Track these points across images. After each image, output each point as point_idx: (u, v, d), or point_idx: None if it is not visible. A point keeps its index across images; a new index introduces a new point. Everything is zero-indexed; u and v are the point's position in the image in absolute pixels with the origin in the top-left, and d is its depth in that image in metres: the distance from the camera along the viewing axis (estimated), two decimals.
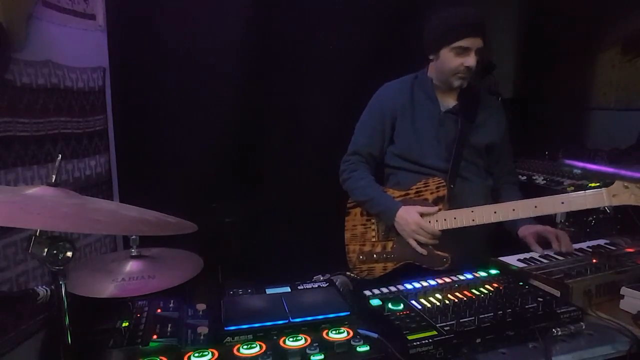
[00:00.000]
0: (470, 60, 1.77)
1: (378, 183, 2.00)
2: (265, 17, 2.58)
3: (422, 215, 1.81)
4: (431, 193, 1.86)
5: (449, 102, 1.94)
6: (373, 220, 1.98)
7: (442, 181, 1.84)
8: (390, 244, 1.92)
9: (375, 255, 1.94)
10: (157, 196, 1.88)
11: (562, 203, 1.62)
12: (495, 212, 1.72)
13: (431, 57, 1.89)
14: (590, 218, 2.27)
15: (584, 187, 1.61)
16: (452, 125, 1.90)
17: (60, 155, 1.13)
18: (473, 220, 1.74)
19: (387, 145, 2.00)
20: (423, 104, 1.94)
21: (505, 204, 1.73)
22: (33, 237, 0.98)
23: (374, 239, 1.97)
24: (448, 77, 1.85)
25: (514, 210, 1.69)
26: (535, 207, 1.66)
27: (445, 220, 1.79)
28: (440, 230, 1.79)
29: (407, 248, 1.85)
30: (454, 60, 1.79)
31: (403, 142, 1.95)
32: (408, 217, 1.81)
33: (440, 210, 1.81)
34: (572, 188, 2.43)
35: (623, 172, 2.29)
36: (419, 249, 1.81)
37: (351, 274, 1.92)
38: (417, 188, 1.90)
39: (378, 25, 2.70)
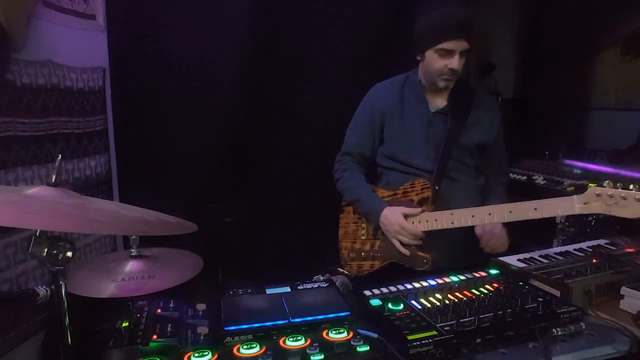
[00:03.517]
0: (454, 63, 1.76)
1: (371, 182, 2.01)
2: (265, 18, 2.58)
3: (405, 216, 1.82)
4: (416, 194, 1.87)
5: (439, 102, 1.93)
6: (363, 219, 2.00)
7: (427, 182, 1.85)
8: (377, 243, 1.95)
9: (363, 254, 1.96)
10: (157, 196, 1.87)
11: (535, 209, 1.61)
12: (473, 216, 1.72)
13: (418, 58, 1.89)
14: (590, 218, 2.28)
15: (584, 187, 1.60)
16: (442, 125, 1.89)
17: (60, 155, 1.13)
18: (452, 222, 1.75)
19: (377, 145, 2.01)
20: (412, 104, 1.93)
21: (482, 208, 1.73)
22: (33, 237, 0.98)
23: (363, 237, 1.99)
24: (433, 78, 1.84)
25: (490, 214, 1.69)
26: (510, 212, 1.66)
27: (427, 221, 1.80)
28: (422, 232, 1.80)
29: (392, 248, 1.87)
30: (439, 61, 1.78)
31: (392, 142, 1.96)
32: (391, 217, 1.83)
33: (423, 211, 1.82)
34: (572, 188, 2.43)
35: (623, 172, 2.29)
36: (402, 249, 1.83)
37: (343, 271, 1.94)
38: (404, 188, 1.91)
39: (378, 25, 2.70)
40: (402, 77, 2.01)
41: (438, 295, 1.40)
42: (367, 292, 1.44)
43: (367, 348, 1.12)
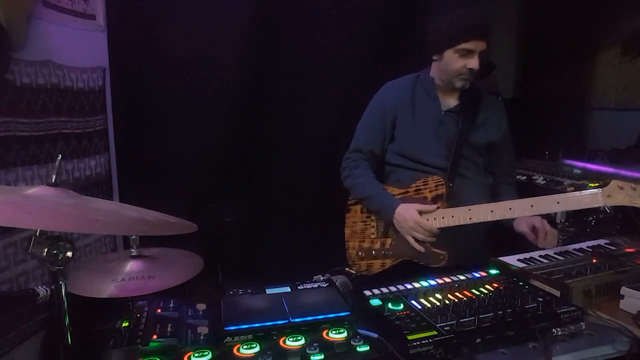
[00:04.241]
0: (474, 63, 1.79)
1: (379, 181, 2.01)
2: (265, 17, 2.58)
3: (420, 212, 1.82)
4: (430, 191, 1.87)
5: (450, 101, 1.95)
6: (373, 217, 2.00)
7: (441, 180, 1.86)
8: (389, 241, 1.94)
9: (374, 252, 1.96)
10: (157, 196, 1.88)
11: (558, 203, 1.63)
12: (492, 211, 1.73)
13: (435, 58, 1.91)
14: (590, 218, 2.27)
15: (584, 187, 1.61)
16: (453, 124, 1.92)
17: (60, 155, 1.13)
18: (470, 218, 1.75)
19: (387, 143, 2.02)
20: (424, 103, 1.96)
21: (501, 203, 1.74)
22: (33, 237, 0.98)
23: (373, 236, 1.99)
24: (451, 78, 1.86)
25: (510, 209, 1.70)
26: (532, 206, 1.67)
27: (443, 218, 1.81)
28: (438, 228, 1.80)
29: (405, 245, 1.86)
30: (458, 61, 1.81)
31: (403, 140, 1.97)
32: (406, 214, 1.83)
33: (438, 208, 1.83)
34: (572, 188, 2.42)
35: (623, 172, 2.29)
36: (417, 246, 1.83)
37: (350, 270, 1.93)
38: (416, 186, 1.91)
39: (380, 25, 2.70)
40: (413, 77, 2.03)
41: (438, 295, 1.40)
42: (367, 292, 1.44)
43: (367, 348, 1.11)
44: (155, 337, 1.14)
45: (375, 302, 1.37)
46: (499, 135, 1.97)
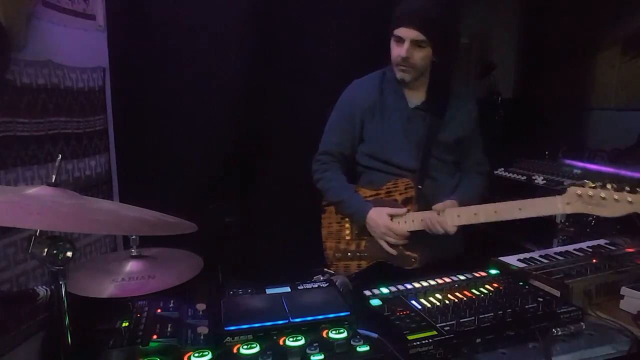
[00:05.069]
0: (402, 51, 1.75)
1: (351, 181, 1.99)
2: (265, 17, 2.58)
3: (391, 216, 1.81)
4: (400, 194, 1.86)
5: (417, 98, 1.90)
6: (347, 219, 1.98)
7: (410, 182, 1.84)
8: (363, 243, 1.93)
9: (349, 254, 1.95)
10: (157, 196, 1.87)
11: (520, 209, 1.61)
12: (458, 216, 1.71)
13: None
14: (590, 218, 2.27)
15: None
16: (421, 122, 1.87)
17: (60, 155, 1.13)
18: (438, 222, 1.74)
19: (357, 144, 1.97)
20: (391, 101, 1.90)
21: (468, 208, 1.72)
22: (33, 237, 0.98)
23: (348, 237, 1.97)
24: (394, 67, 1.83)
25: (475, 214, 1.69)
26: (495, 212, 1.66)
27: (413, 221, 1.80)
28: (409, 232, 1.80)
29: (378, 247, 1.86)
30: (395, 49, 1.79)
31: (372, 140, 1.92)
32: (378, 219, 1.82)
33: (408, 211, 1.82)
34: None
35: (623, 172, 2.29)
36: (389, 250, 1.83)
37: (329, 271, 1.92)
38: (387, 188, 1.90)
39: (379, 24, 2.70)
40: (380, 73, 1.97)
41: (438, 295, 1.40)
42: (367, 292, 1.44)
43: (367, 348, 1.11)
44: (155, 337, 1.14)
45: (375, 302, 1.37)
46: (468, 129, 1.91)
